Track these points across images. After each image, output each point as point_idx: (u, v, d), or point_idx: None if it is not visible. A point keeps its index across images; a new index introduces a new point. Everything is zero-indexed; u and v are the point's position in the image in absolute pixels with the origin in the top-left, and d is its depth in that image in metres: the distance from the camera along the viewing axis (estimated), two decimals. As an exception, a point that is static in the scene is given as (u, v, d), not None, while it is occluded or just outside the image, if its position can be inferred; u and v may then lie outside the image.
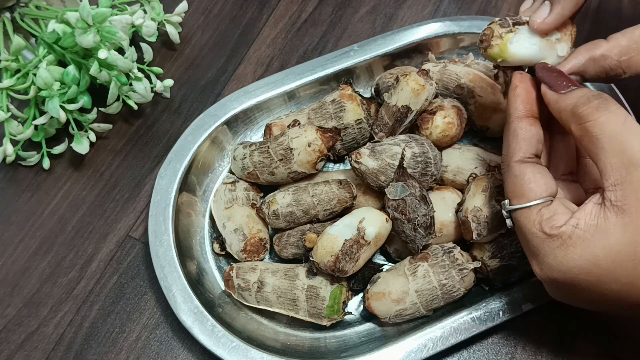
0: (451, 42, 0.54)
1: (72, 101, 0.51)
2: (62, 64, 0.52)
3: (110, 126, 0.54)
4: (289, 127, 0.48)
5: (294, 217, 0.46)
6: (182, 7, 0.58)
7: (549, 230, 0.33)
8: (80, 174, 0.54)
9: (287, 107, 0.53)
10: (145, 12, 0.56)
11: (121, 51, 0.53)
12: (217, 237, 0.48)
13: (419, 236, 0.42)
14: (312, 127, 0.46)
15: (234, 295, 0.45)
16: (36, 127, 0.53)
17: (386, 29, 0.59)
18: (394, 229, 0.43)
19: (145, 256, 0.49)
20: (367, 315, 0.45)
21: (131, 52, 0.52)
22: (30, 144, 0.54)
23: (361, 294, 0.46)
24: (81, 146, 0.52)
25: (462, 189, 0.46)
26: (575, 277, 0.32)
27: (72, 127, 0.52)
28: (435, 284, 0.42)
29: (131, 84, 0.52)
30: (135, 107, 0.54)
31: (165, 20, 0.58)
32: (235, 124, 0.52)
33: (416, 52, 0.54)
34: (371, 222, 0.41)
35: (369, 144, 0.45)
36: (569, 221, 0.32)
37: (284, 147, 0.46)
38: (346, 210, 0.46)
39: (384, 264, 0.46)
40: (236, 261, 0.48)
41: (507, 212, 0.36)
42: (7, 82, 0.50)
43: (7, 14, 0.53)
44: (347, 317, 0.45)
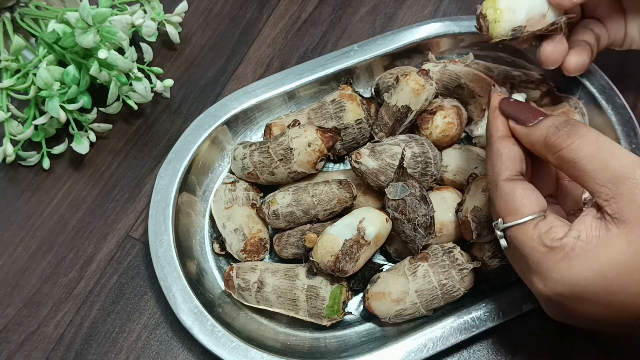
0: (451, 42, 0.54)
1: (72, 101, 0.51)
2: (62, 64, 0.52)
3: (110, 126, 0.54)
4: (289, 127, 0.48)
5: (294, 217, 0.46)
6: (182, 7, 0.58)
7: (550, 242, 0.32)
8: (80, 174, 0.54)
9: (287, 107, 0.53)
10: (145, 12, 0.56)
11: (121, 51, 0.53)
12: (217, 237, 0.48)
13: (419, 236, 0.42)
14: (312, 127, 0.46)
15: (234, 295, 0.45)
16: (36, 127, 0.52)
17: (386, 29, 0.59)
18: (394, 229, 0.43)
19: (145, 256, 0.49)
20: (367, 315, 0.45)
21: (131, 52, 0.52)
22: (30, 144, 0.54)
23: (361, 294, 0.46)
24: (81, 146, 0.52)
25: (462, 189, 0.46)
26: (582, 289, 0.31)
27: (72, 127, 0.52)
28: (435, 284, 0.42)
29: (131, 84, 0.52)
30: (135, 107, 0.54)
31: (165, 20, 0.57)
32: (235, 124, 0.52)
33: (416, 52, 0.54)
34: (371, 222, 0.41)
35: (369, 144, 0.45)
36: (569, 233, 0.32)
37: (284, 147, 0.46)
38: (346, 210, 0.46)
39: (384, 264, 0.46)
40: (236, 261, 0.48)
41: (500, 232, 0.35)
42: (7, 82, 0.50)
43: (7, 14, 0.53)
44: (347, 317, 0.45)
